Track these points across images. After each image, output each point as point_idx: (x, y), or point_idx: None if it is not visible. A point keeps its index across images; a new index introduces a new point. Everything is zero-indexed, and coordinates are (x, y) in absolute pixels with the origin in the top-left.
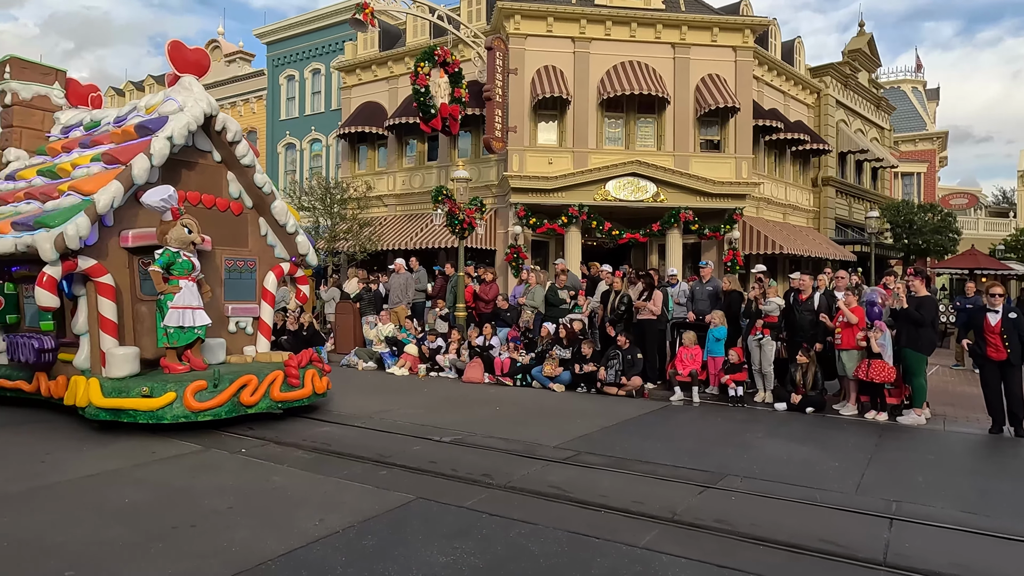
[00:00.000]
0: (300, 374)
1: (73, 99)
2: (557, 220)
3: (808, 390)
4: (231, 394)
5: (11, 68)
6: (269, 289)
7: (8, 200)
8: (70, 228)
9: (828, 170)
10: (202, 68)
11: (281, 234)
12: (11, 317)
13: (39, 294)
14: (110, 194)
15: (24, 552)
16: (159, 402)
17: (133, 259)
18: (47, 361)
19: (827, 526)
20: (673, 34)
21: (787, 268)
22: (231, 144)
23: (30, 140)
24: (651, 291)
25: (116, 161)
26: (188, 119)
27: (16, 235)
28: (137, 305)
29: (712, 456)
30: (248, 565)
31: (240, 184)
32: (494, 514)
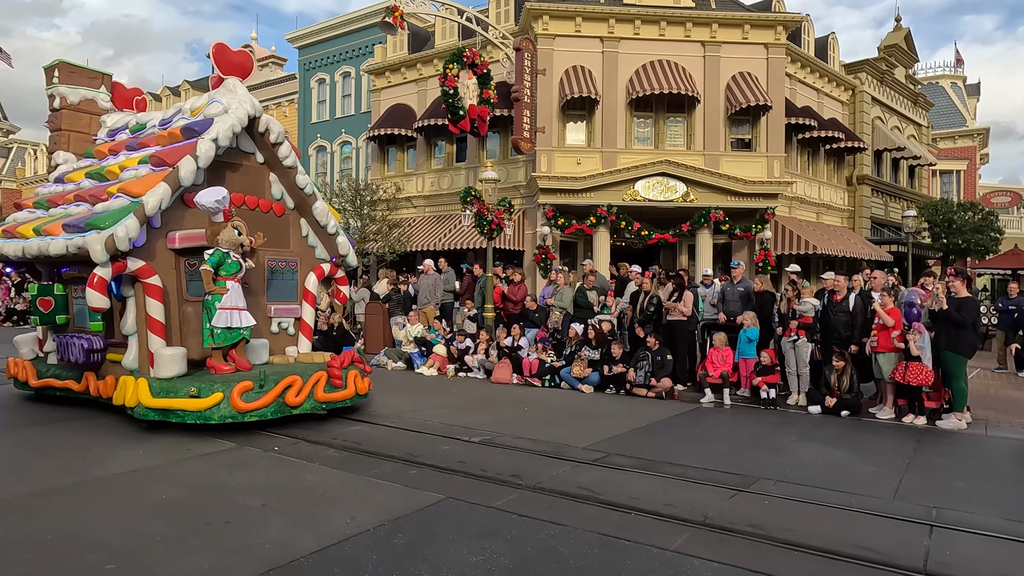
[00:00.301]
0: (343, 375)
1: (119, 103)
2: (586, 220)
3: (843, 393)
4: (276, 395)
5: (60, 72)
6: (310, 290)
7: (58, 202)
8: (120, 230)
9: (863, 168)
10: (245, 70)
11: (322, 235)
12: (61, 317)
13: (90, 295)
14: (158, 196)
15: (68, 545)
16: (206, 402)
17: (180, 260)
18: (96, 361)
19: (864, 532)
20: (703, 32)
21: (821, 268)
22: (274, 145)
23: (78, 143)
24: (681, 292)
25: (163, 163)
26: (233, 121)
27: (67, 237)
28: (183, 306)
29: (744, 459)
30: (281, 562)
31: (282, 185)
32: (523, 515)
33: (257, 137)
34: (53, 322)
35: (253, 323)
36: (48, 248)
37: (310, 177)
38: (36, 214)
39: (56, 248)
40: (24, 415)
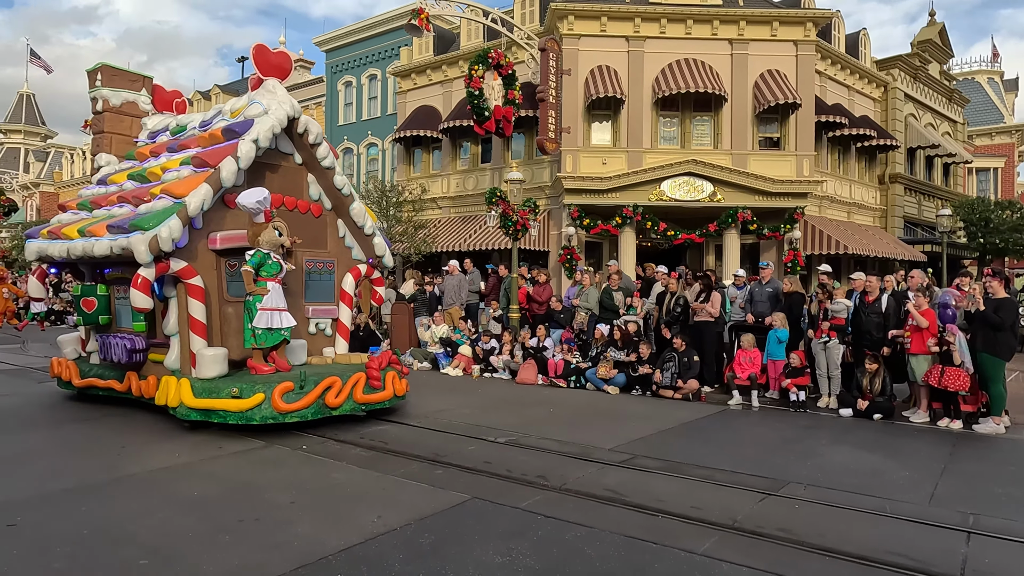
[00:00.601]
0: (381, 376)
1: (158, 105)
2: (611, 221)
3: (876, 395)
4: (317, 396)
5: (102, 75)
6: (347, 291)
7: (101, 204)
8: (163, 230)
9: (896, 166)
10: (284, 71)
11: (359, 236)
12: (103, 318)
13: (134, 295)
14: (200, 197)
15: (103, 540)
16: (248, 403)
17: (220, 261)
18: (138, 361)
19: (898, 538)
20: (731, 30)
21: (852, 269)
22: (312, 146)
23: (119, 145)
24: (709, 292)
25: (205, 164)
26: (272, 122)
27: (111, 238)
28: (224, 306)
29: (773, 462)
30: (310, 559)
31: (320, 186)
32: (549, 516)
33: (296, 138)
34: (96, 322)
35: (294, 324)
36: (93, 249)
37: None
38: (80, 215)
39: (101, 249)
40: (61, 413)
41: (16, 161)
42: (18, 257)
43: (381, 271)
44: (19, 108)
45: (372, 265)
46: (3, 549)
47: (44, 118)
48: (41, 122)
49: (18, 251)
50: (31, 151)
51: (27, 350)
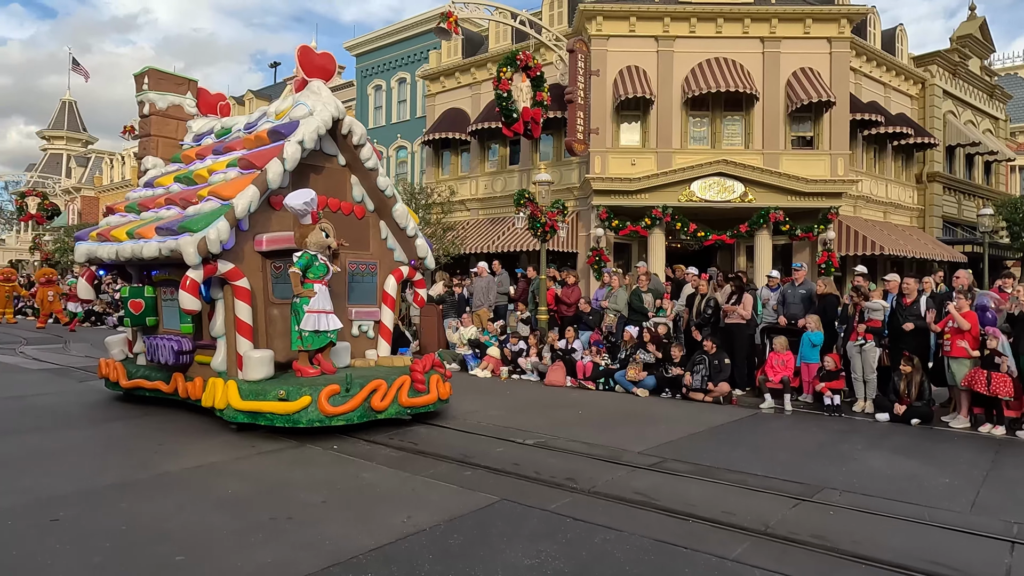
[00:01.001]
0: (425, 379)
1: (203, 108)
2: (640, 222)
3: (913, 400)
4: (362, 399)
5: (149, 79)
6: (389, 292)
7: (149, 206)
8: (211, 232)
9: (934, 165)
10: (328, 72)
11: (401, 237)
12: (150, 319)
13: (182, 297)
14: (247, 198)
15: (141, 535)
16: (295, 406)
17: (266, 263)
18: (184, 363)
19: (938, 547)
20: (762, 28)
21: (888, 270)
22: (356, 147)
23: (165, 148)
24: (741, 294)
25: (252, 166)
26: (318, 123)
27: (160, 239)
28: (269, 308)
29: (807, 467)
30: (341, 558)
31: (363, 188)
32: (578, 519)
33: (340, 139)
34: (143, 324)
35: (340, 327)
36: (142, 251)
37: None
38: (128, 217)
39: (149, 251)
40: (101, 411)
41: (59, 166)
42: (60, 259)
43: (423, 273)
44: (61, 115)
45: (414, 267)
46: (47, 543)
47: (85, 124)
48: (82, 128)
49: (61, 254)
50: (73, 156)
51: (69, 350)
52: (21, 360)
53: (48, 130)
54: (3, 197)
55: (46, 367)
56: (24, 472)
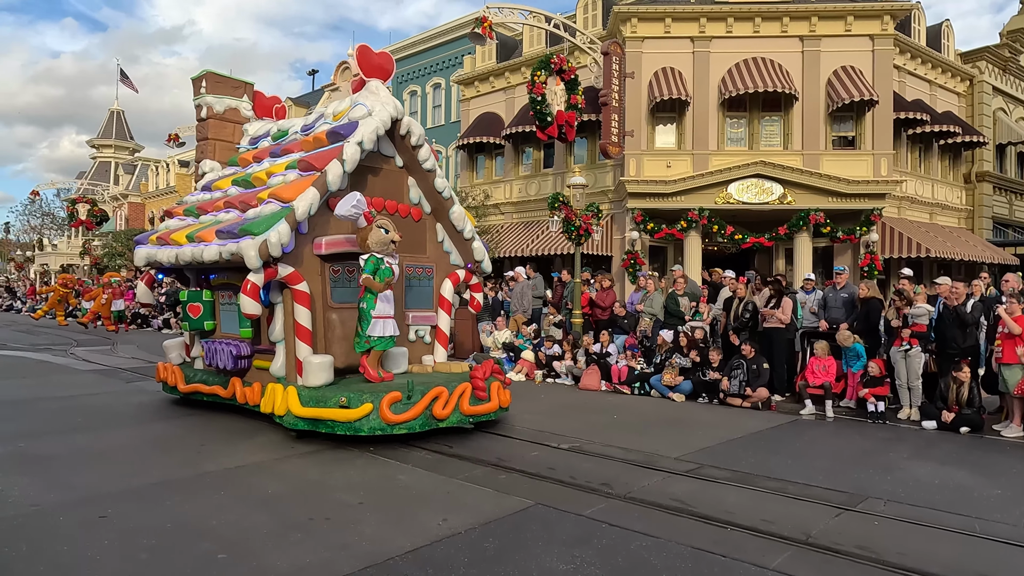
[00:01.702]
0: (487, 386)
1: (259, 111)
2: (676, 225)
3: (963, 407)
4: (424, 407)
5: (207, 82)
6: (446, 297)
7: (208, 210)
8: (272, 235)
9: (983, 164)
10: (387, 72)
11: (457, 240)
12: (208, 324)
13: (243, 301)
14: (307, 201)
15: (185, 533)
16: (356, 413)
17: (325, 266)
18: (243, 367)
19: (989, 560)
20: (801, 26)
21: (935, 273)
22: (414, 148)
23: (222, 152)
24: (780, 298)
25: (311, 168)
26: (377, 123)
27: (220, 243)
28: (328, 313)
29: (850, 476)
30: (377, 560)
31: (420, 189)
32: (614, 524)
33: (397, 140)
34: (201, 328)
35: (397, 333)
36: (202, 255)
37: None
38: (187, 221)
39: (210, 254)
40: (147, 412)
41: (107, 174)
42: (108, 264)
43: (480, 277)
44: (110, 124)
45: (470, 270)
46: (95, 539)
47: (132, 133)
48: (129, 137)
49: (109, 258)
50: (120, 164)
51: (117, 351)
52: (72, 361)
53: (97, 139)
54: (56, 204)
55: (95, 368)
56: (74, 470)
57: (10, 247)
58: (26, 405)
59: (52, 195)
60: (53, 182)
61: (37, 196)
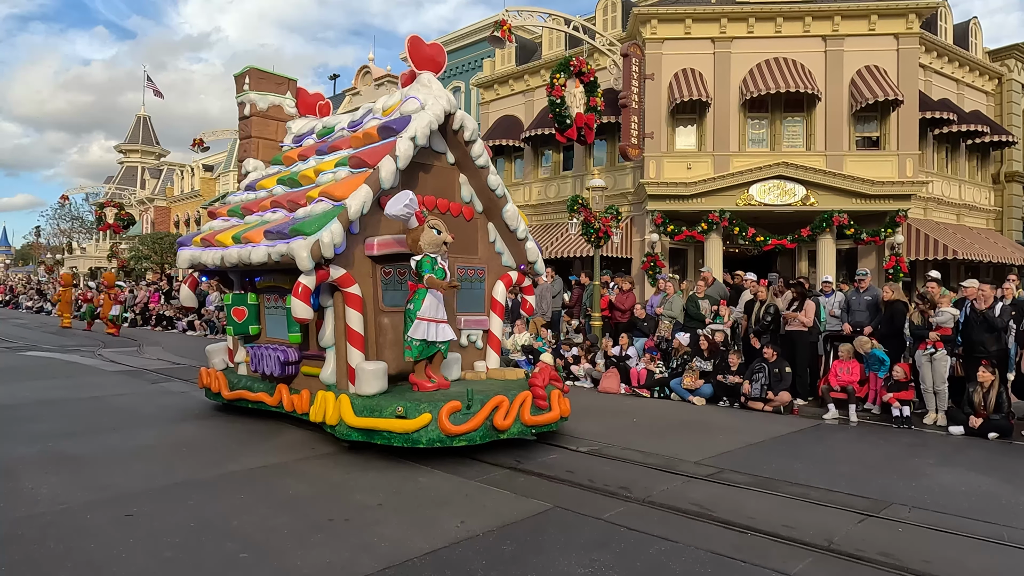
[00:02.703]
0: (547, 394)
1: (302, 108)
2: (696, 227)
3: (991, 412)
4: (485, 417)
5: (250, 79)
6: (498, 299)
7: (253, 210)
8: (325, 235)
9: (1013, 164)
10: (438, 65)
11: (510, 240)
12: (253, 328)
13: (294, 305)
14: (360, 199)
15: (208, 532)
16: (414, 424)
17: (376, 268)
18: (290, 374)
19: (1018, 569)
20: (824, 26)
21: (962, 275)
22: (467, 144)
23: (265, 150)
24: (803, 301)
25: (363, 164)
26: (430, 118)
27: (269, 244)
28: (379, 317)
29: (873, 482)
30: (396, 561)
31: (471, 187)
32: (633, 528)
33: (450, 135)
34: (246, 332)
35: (452, 338)
36: (249, 256)
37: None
38: (231, 222)
39: (258, 256)
40: (171, 412)
41: (134, 178)
42: (135, 267)
43: (532, 279)
44: (137, 129)
45: (523, 272)
46: (121, 537)
47: (158, 138)
48: (155, 142)
49: (135, 261)
50: (147, 169)
51: (143, 352)
52: (99, 362)
53: (124, 144)
54: (84, 208)
55: (122, 369)
56: (102, 469)
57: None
58: (55, 406)
59: (81, 199)
60: (82, 187)
61: (66, 200)
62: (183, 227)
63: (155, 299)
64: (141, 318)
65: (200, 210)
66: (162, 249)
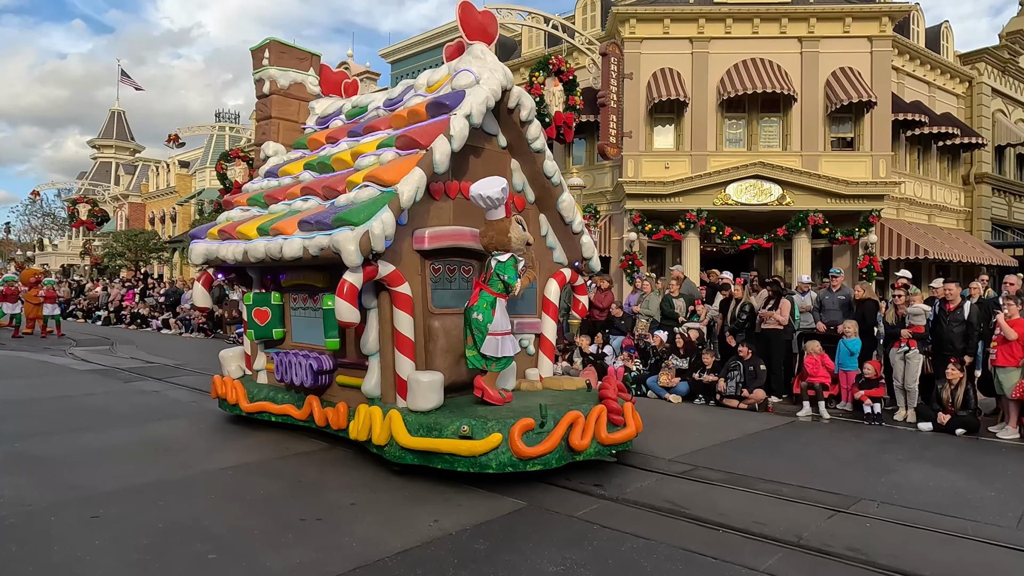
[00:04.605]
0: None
1: (325, 87)
2: (674, 226)
3: (958, 409)
4: (560, 436)
5: (270, 53)
6: (551, 300)
7: (278, 198)
8: (376, 226)
9: (982, 166)
10: (490, 36)
11: (564, 234)
12: (277, 332)
13: (340, 306)
14: (413, 184)
15: (177, 533)
16: (482, 445)
17: (425, 264)
18: (323, 384)
19: (982, 563)
20: (800, 27)
21: (933, 274)
22: (523, 124)
23: (286, 133)
24: (778, 299)
25: (414, 145)
26: (487, 93)
27: (306, 236)
28: (429, 320)
29: (844, 478)
30: (367, 560)
31: (523, 174)
32: (606, 526)
33: (503, 115)
34: (269, 336)
35: (518, 351)
36: (281, 250)
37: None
38: (252, 212)
39: (291, 250)
40: (144, 411)
41: (108, 174)
42: (109, 264)
43: (585, 277)
44: (111, 124)
45: (577, 269)
46: (86, 539)
47: (133, 133)
48: (130, 137)
49: (109, 259)
50: (121, 165)
51: (116, 351)
52: (70, 361)
53: (98, 139)
54: (56, 204)
55: (93, 368)
56: (70, 470)
57: (11, 247)
58: (23, 405)
59: (53, 195)
60: (54, 182)
61: (38, 196)
62: (158, 224)
63: (129, 297)
64: (115, 316)
65: (176, 206)
66: (136, 246)
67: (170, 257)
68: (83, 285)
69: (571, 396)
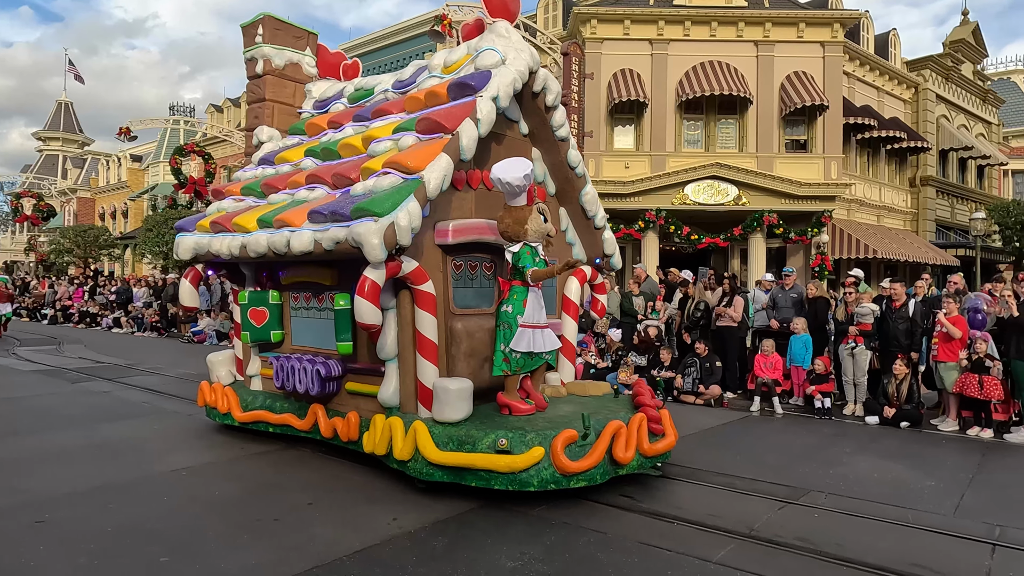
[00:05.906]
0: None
1: (322, 69)
2: (634, 225)
3: (903, 403)
4: (604, 448)
5: (264, 29)
6: (572, 299)
7: (278, 187)
8: (402, 217)
9: (927, 169)
10: (512, 15)
11: (584, 229)
12: (276, 334)
13: (360, 307)
14: (440, 171)
15: (127, 537)
16: (523, 461)
17: (447, 260)
18: (331, 391)
19: (921, 549)
20: (756, 32)
21: (882, 273)
22: (548, 110)
23: (281, 117)
24: (732, 296)
25: (438, 128)
26: (514, 75)
27: (317, 228)
28: (451, 321)
29: (795, 470)
30: (325, 560)
31: (545, 164)
32: (563, 522)
33: (526, 100)
34: (266, 339)
35: (558, 345)
36: (288, 244)
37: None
38: (247, 202)
39: (300, 243)
40: (95, 413)
41: (55, 168)
42: (56, 261)
43: (607, 274)
44: (57, 116)
45: (598, 267)
46: (31, 545)
47: (83, 126)
48: (79, 130)
49: (56, 255)
50: (69, 158)
51: (63, 351)
52: (14, 361)
53: (44, 131)
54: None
55: (39, 368)
56: (14, 474)
57: None
58: None
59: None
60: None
61: None
62: (108, 219)
63: (78, 295)
64: (62, 315)
65: (128, 202)
66: (86, 242)
67: (121, 254)
68: (28, 283)
69: (603, 403)
